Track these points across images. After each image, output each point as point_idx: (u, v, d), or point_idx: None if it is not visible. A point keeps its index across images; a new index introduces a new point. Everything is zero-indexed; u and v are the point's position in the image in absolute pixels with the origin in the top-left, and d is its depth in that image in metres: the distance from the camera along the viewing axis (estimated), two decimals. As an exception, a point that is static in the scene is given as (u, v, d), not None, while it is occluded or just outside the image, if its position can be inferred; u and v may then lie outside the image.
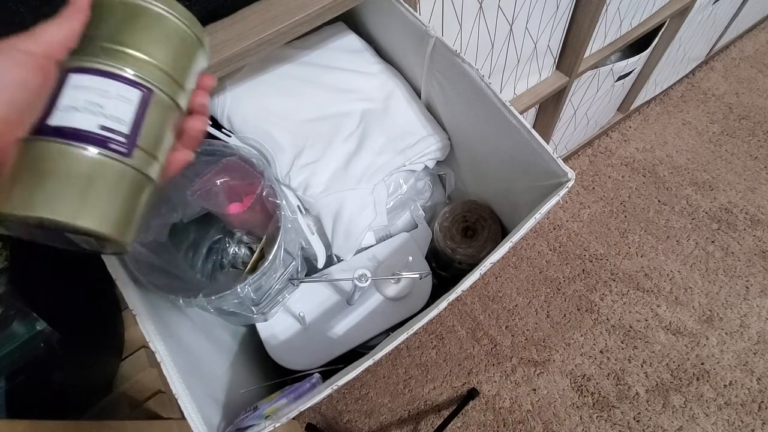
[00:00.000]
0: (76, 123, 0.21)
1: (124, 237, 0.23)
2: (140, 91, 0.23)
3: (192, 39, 0.26)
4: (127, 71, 0.23)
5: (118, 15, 0.24)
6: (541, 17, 0.71)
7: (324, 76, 0.56)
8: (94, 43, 0.23)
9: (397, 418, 1.06)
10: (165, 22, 0.25)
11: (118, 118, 0.22)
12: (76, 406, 0.60)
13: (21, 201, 0.20)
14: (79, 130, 0.21)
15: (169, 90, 0.25)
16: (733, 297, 1.12)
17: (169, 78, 0.25)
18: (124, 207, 0.23)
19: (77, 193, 0.21)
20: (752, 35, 1.58)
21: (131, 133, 0.23)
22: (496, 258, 0.37)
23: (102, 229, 0.21)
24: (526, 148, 0.41)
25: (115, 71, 0.23)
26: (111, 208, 0.22)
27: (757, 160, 1.32)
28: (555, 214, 1.27)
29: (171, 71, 0.25)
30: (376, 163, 0.53)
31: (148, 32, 0.24)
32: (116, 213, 0.22)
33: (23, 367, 0.46)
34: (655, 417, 1.00)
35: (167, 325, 0.39)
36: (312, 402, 0.35)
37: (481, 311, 1.15)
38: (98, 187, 0.21)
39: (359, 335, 0.53)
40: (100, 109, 0.22)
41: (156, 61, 0.24)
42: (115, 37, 0.23)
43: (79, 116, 0.21)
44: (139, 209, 0.24)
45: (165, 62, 0.24)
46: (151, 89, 0.24)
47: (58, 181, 0.21)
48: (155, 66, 0.24)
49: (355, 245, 0.53)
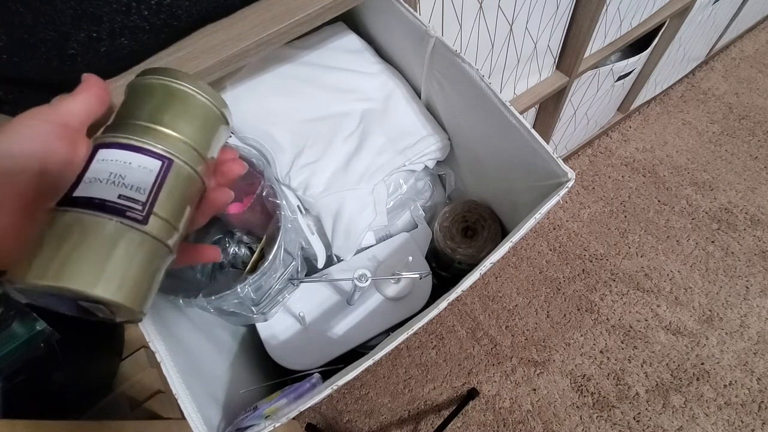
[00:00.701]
0: (96, 193, 0.22)
1: (140, 306, 0.23)
2: (161, 161, 0.24)
3: (215, 114, 0.27)
4: (149, 143, 0.24)
5: (146, 95, 0.26)
6: (541, 17, 0.71)
7: (324, 76, 0.56)
8: (124, 120, 0.25)
9: (397, 418, 1.06)
10: (191, 100, 0.26)
11: (137, 187, 0.23)
12: (76, 406, 0.60)
13: (40, 271, 0.20)
14: (97, 199, 0.22)
15: (189, 160, 0.25)
16: (733, 297, 1.12)
17: (190, 148, 0.25)
18: (139, 275, 0.23)
19: (94, 262, 0.21)
20: (752, 35, 1.58)
21: (148, 201, 0.23)
22: (496, 258, 0.37)
23: (117, 299, 0.21)
24: (526, 148, 0.41)
25: (138, 144, 0.23)
26: (127, 276, 0.22)
27: (757, 160, 1.32)
28: (555, 214, 1.27)
29: (193, 143, 0.26)
30: (376, 163, 0.53)
31: (173, 109, 0.25)
32: (132, 282, 0.22)
33: (23, 367, 0.46)
34: (655, 417, 1.00)
35: (167, 325, 0.39)
36: (312, 402, 0.35)
37: (481, 311, 1.15)
38: (115, 256, 0.22)
39: (359, 335, 0.53)
40: (121, 179, 0.22)
41: (179, 134, 0.25)
42: (142, 115, 0.25)
43: (100, 187, 0.22)
44: (154, 277, 0.24)
45: (188, 135, 0.25)
46: (172, 159, 0.24)
47: (76, 250, 0.21)
48: (177, 138, 0.25)
49: (355, 245, 0.53)
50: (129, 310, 0.22)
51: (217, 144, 0.28)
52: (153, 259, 0.23)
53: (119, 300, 0.21)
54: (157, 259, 0.24)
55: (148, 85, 0.26)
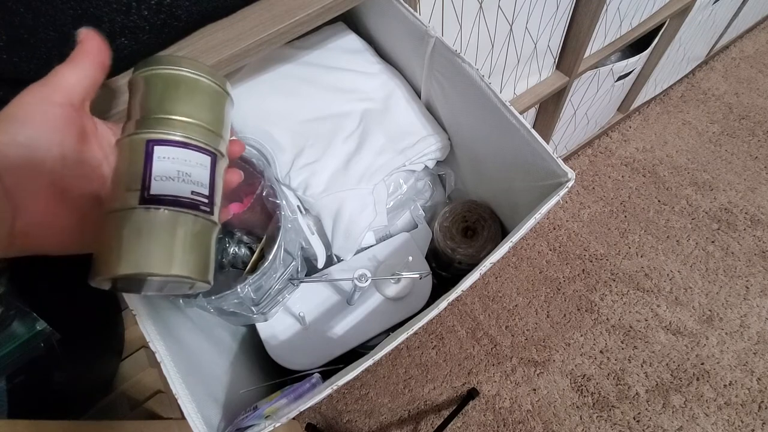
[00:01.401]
0: (174, 191, 0.25)
1: (211, 277, 0.27)
2: (210, 156, 0.28)
3: (225, 96, 0.30)
4: (200, 141, 0.27)
5: (173, 87, 0.27)
6: (541, 17, 0.71)
7: (324, 76, 0.56)
8: (160, 114, 0.27)
9: (397, 418, 1.06)
10: (207, 89, 0.29)
11: (201, 183, 0.27)
12: (76, 406, 0.60)
13: (134, 262, 0.24)
14: (177, 198, 0.25)
15: (222, 148, 0.29)
16: (733, 297, 1.12)
17: (220, 138, 0.29)
18: (209, 254, 0.27)
19: (181, 248, 0.25)
20: (752, 35, 1.58)
21: (210, 194, 0.27)
22: (496, 258, 0.37)
23: (201, 276, 0.26)
24: (526, 148, 0.41)
25: (193, 143, 0.27)
26: (203, 256, 0.27)
27: (757, 160, 1.32)
28: (555, 214, 1.27)
29: (220, 132, 0.29)
30: (376, 163, 0.53)
31: (202, 102, 0.28)
32: (206, 260, 0.27)
33: (23, 367, 0.46)
34: (655, 417, 1.00)
35: (167, 325, 0.39)
36: (312, 402, 0.35)
37: (481, 311, 1.15)
38: (195, 242, 0.26)
39: (359, 335, 0.53)
40: (189, 177, 0.26)
41: (211, 127, 0.28)
42: (180, 110, 0.27)
43: (174, 185, 0.25)
44: (214, 252, 0.28)
45: (216, 126, 0.29)
46: (215, 153, 0.28)
47: (165, 240, 0.25)
48: (212, 132, 0.28)
49: (355, 245, 0.53)
50: (206, 283, 0.27)
51: (229, 122, 0.31)
52: (215, 239, 0.28)
53: (204, 279, 0.26)
54: (215, 237, 0.28)
55: (174, 77, 0.28)
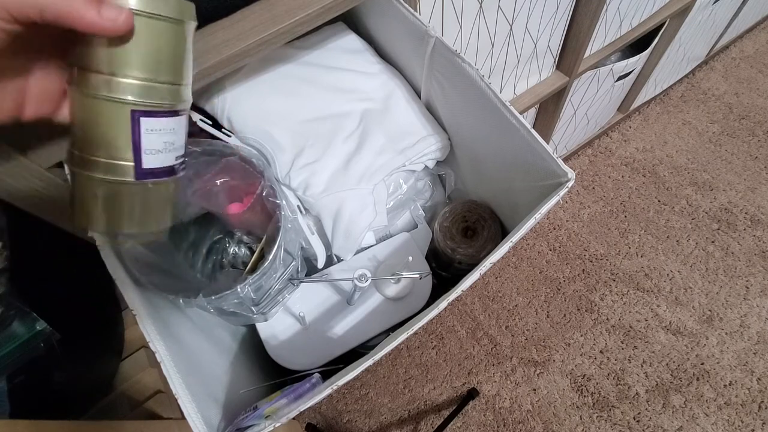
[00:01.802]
0: (163, 162, 0.27)
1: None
2: (183, 116, 0.28)
3: (191, 26, 0.27)
4: (178, 105, 0.27)
5: (146, 41, 0.25)
6: (541, 17, 0.71)
7: (324, 76, 0.56)
8: (141, 77, 0.25)
9: (397, 418, 1.06)
10: (180, 32, 0.26)
11: (180, 145, 0.28)
12: (76, 406, 0.60)
13: (136, 223, 0.28)
14: (165, 168, 0.27)
15: (190, 95, 0.29)
16: (733, 297, 1.12)
17: (189, 86, 0.28)
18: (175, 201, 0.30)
19: (164, 206, 0.29)
20: (752, 35, 1.58)
21: (184, 153, 0.29)
22: (496, 258, 0.37)
23: (172, 221, 0.30)
24: (526, 148, 0.41)
25: (174, 109, 0.27)
26: (174, 207, 0.30)
27: (757, 160, 1.32)
28: (555, 214, 1.27)
29: (189, 80, 0.28)
30: (376, 163, 0.53)
31: (178, 54, 0.26)
32: (174, 209, 0.30)
33: (23, 367, 0.46)
34: (655, 417, 1.00)
35: (167, 325, 0.39)
36: (312, 402, 0.35)
37: (481, 311, 1.15)
38: (175, 196, 0.29)
39: (359, 335, 0.53)
40: (172, 145, 0.27)
41: (186, 80, 0.27)
42: (152, 69, 0.25)
43: (163, 156, 0.27)
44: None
45: (188, 75, 0.28)
46: (186, 110, 0.28)
47: (157, 204, 0.28)
48: (186, 86, 0.27)
49: (355, 245, 0.53)
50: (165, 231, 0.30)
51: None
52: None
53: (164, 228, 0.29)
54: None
55: (154, 26, 0.25)
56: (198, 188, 0.46)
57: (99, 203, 0.26)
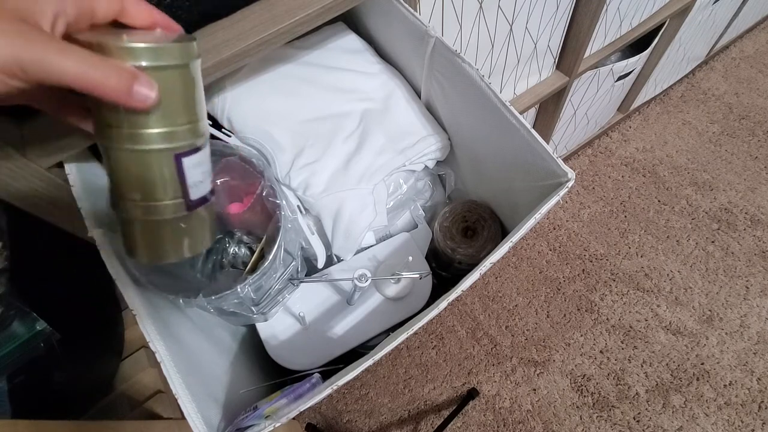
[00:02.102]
0: (204, 191, 0.30)
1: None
2: (207, 147, 0.30)
3: (197, 63, 0.29)
4: (201, 139, 0.29)
5: (176, 91, 0.27)
6: (541, 17, 0.71)
7: (324, 76, 0.56)
8: (175, 125, 0.27)
9: (397, 418, 1.06)
10: (191, 75, 0.28)
11: (209, 168, 0.31)
12: (76, 406, 0.60)
13: (195, 246, 0.31)
14: (206, 193, 0.30)
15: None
16: (733, 297, 1.12)
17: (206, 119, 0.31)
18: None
19: (211, 226, 0.32)
20: (752, 35, 1.58)
21: (212, 174, 0.31)
22: (496, 258, 0.37)
23: (211, 242, 0.33)
24: (526, 148, 0.41)
25: (205, 142, 0.29)
26: (213, 223, 0.32)
27: (757, 160, 1.32)
28: (555, 214, 1.27)
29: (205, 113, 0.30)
30: (376, 163, 0.53)
31: (195, 95, 0.28)
32: (214, 224, 0.33)
33: (23, 367, 0.46)
34: (655, 417, 1.00)
35: (167, 325, 0.39)
36: (312, 402, 0.35)
37: (481, 311, 1.15)
38: (213, 215, 0.32)
39: (359, 335, 0.53)
40: (207, 172, 0.30)
41: (204, 113, 0.29)
42: (186, 116, 0.28)
43: (204, 186, 0.30)
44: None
45: (204, 110, 0.30)
46: (207, 138, 0.30)
47: (208, 225, 0.32)
48: (204, 119, 0.30)
49: (355, 245, 0.53)
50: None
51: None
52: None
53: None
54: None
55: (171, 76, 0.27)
56: (198, 188, 0.46)
57: (164, 239, 0.30)
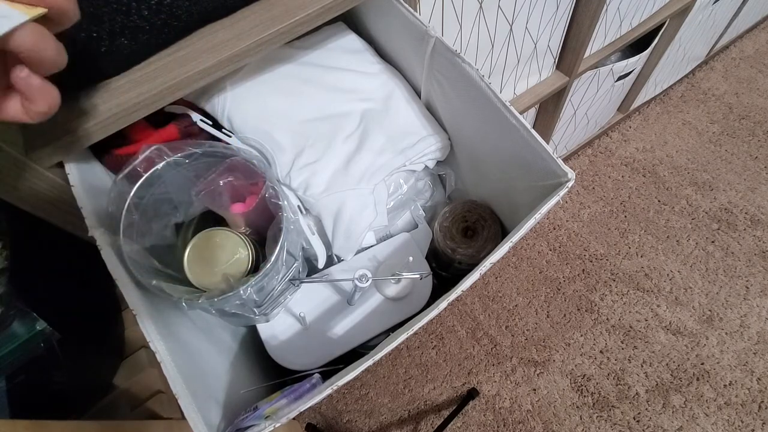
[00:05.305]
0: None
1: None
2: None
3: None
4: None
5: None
6: (541, 17, 0.71)
7: (324, 76, 0.56)
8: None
9: (397, 418, 1.06)
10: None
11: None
12: (76, 406, 0.60)
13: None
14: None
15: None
16: (733, 297, 1.12)
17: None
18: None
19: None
20: (752, 35, 1.58)
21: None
22: (496, 258, 0.37)
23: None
24: (526, 148, 0.41)
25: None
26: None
27: (757, 160, 1.32)
28: (555, 214, 1.27)
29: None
30: (376, 163, 0.53)
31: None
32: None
33: (23, 367, 0.46)
34: (655, 417, 1.00)
35: (167, 325, 0.39)
36: (312, 402, 0.35)
37: (481, 311, 1.15)
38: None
39: (359, 335, 0.53)
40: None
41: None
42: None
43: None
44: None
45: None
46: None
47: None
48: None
49: (355, 245, 0.53)
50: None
51: None
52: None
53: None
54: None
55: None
56: (202, 188, 0.46)
57: None
